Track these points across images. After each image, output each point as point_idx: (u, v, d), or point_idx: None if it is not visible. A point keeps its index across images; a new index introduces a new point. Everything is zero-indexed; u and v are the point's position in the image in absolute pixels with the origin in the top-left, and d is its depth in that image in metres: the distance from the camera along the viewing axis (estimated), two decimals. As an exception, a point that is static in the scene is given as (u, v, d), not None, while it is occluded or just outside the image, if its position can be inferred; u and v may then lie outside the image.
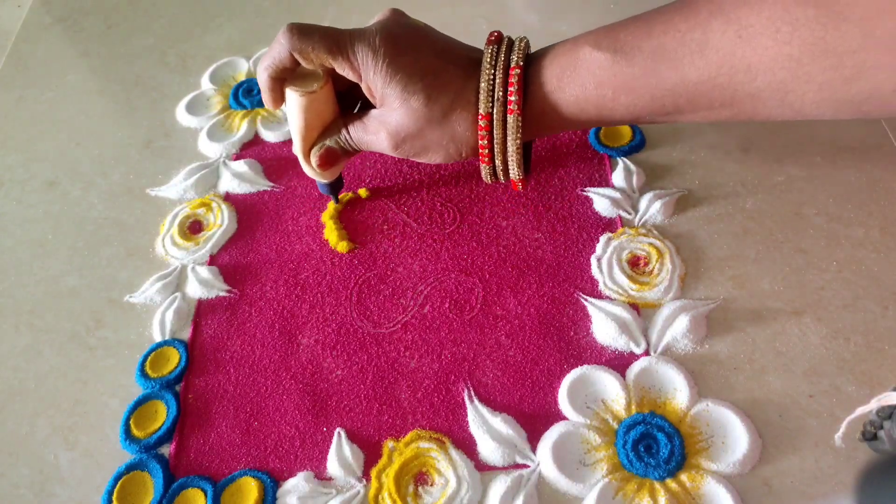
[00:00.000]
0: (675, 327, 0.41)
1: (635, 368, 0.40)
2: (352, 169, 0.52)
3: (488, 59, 0.37)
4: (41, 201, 0.54)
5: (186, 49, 0.64)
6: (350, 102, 0.43)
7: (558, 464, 0.37)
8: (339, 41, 0.37)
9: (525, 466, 0.38)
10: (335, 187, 0.47)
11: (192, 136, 0.57)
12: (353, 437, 0.40)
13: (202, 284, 0.47)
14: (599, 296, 0.44)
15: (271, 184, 0.52)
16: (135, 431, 0.41)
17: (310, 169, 0.44)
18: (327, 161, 0.42)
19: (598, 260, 0.45)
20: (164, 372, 0.43)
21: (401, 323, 0.44)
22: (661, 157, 0.50)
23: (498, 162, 0.40)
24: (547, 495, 0.37)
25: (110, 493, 0.38)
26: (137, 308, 0.47)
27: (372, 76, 0.37)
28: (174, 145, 0.56)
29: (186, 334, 0.45)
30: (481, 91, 0.37)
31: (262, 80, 0.40)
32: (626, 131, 0.51)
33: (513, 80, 0.37)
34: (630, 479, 0.36)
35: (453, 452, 0.38)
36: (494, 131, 0.38)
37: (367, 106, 0.42)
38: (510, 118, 0.37)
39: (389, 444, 0.39)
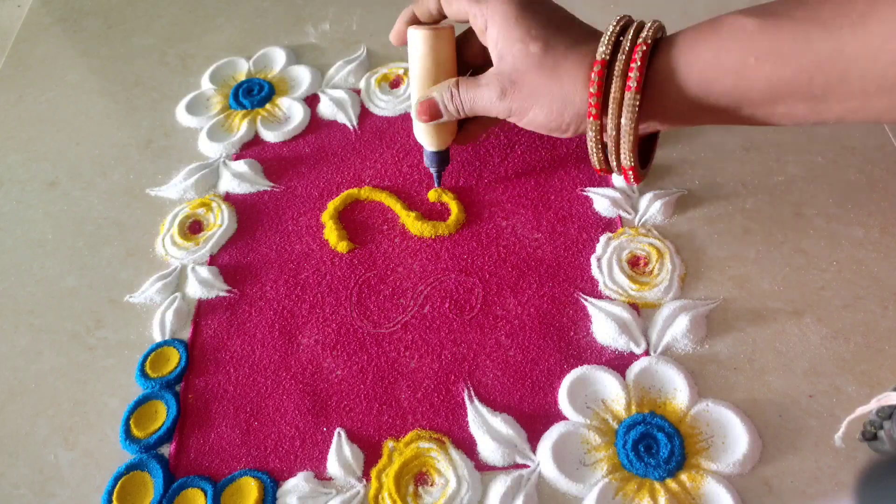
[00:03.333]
0: (675, 327, 0.41)
1: (635, 368, 0.40)
2: (352, 169, 0.52)
3: (613, 24, 0.36)
4: (41, 201, 0.54)
5: (186, 49, 0.64)
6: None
7: (558, 464, 0.37)
8: None
9: (525, 466, 0.38)
10: (440, 162, 0.47)
11: (192, 136, 0.57)
12: (353, 437, 0.40)
13: (202, 284, 0.47)
14: (599, 296, 0.44)
15: (271, 184, 0.52)
16: (135, 431, 0.41)
17: (417, 126, 0.45)
18: (426, 112, 0.42)
19: (598, 260, 0.45)
20: (164, 372, 0.43)
21: (401, 323, 0.44)
22: (661, 157, 0.50)
23: (609, 142, 0.37)
24: (547, 495, 0.37)
25: (110, 493, 0.38)
26: (137, 308, 0.47)
27: (500, 20, 0.38)
28: (174, 145, 0.56)
29: (186, 334, 0.45)
30: (601, 43, 0.36)
31: (401, 17, 0.43)
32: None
33: (642, 38, 0.35)
34: (630, 479, 0.36)
35: (453, 452, 0.38)
36: (610, 101, 0.35)
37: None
38: (627, 95, 0.35)
39: (389, 444, 0.39)
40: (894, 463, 0.33)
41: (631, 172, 0.39)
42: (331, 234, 0.48)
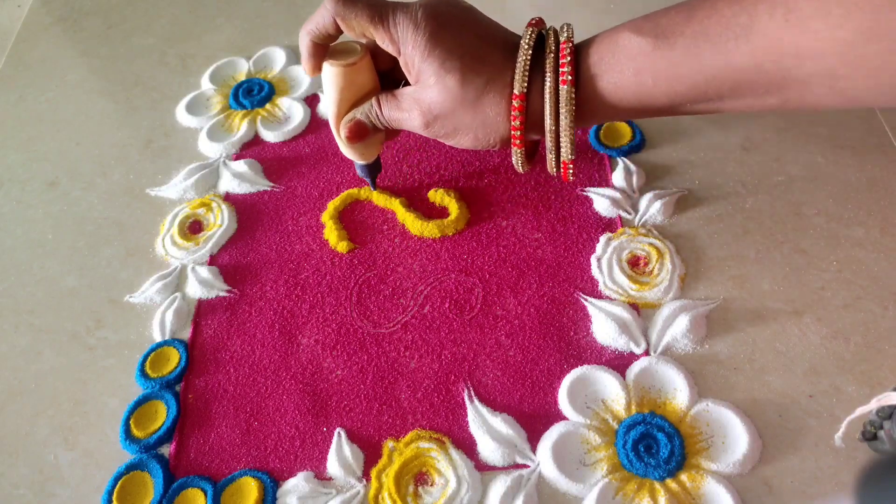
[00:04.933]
0: (675, 327, 0.41)
1: (635, 368, 0.40)
2: (352, 169, 0.52)
3: (526, 40, 0.36)
4: (41, 201, 0.54)
5: (186, 49, 0.64)
6: (393, 84, 0.43)
7: (558, 464, 0.37)
8: (381, 11, 0.36)
9: (525, 466, 0.38)
10: (372, 171, 0.47)
11: (192, 136, 0.57)
12: (353, 437, 0.40)
13: (202, 284, 0.47)
14: (599, 296, 0.44)
15: (271, 184, 0.52)
16: (135, 431, 0.41)
17: (344, 146, 0.44)
18: (356, 134, 0.41)
19: (598, 260, 0.45)
20: (164, 372, 0.43)
21: (401, 323, 0.44)
22: (661, 157, 0.50)
23: (549, 143, 0.37)
24: (547, 495, 0.37)
25: (110, 493, 0.39)
26: (137, 308, 0.47)
27: (410, 50, 0.36)
28: (174, 145, 0.56)
29: (186, 334, 0.45)
30: (517, 70, 0.36)
31: (304, 45, 0.39)
32: (626, 131, 0.51)
33: (565, 51, 0.35)
34: (630, 479, 0.36)
35: (453, 452, 0.38)
36: (547, 109, 0.36)
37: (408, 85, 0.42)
38: (563, 89, 0.35)
39: (389, 444, 0.39)
40: (894, 463, 0.33)
41: (571, 167, 0.39)
42: (331, 234, 0.48)
